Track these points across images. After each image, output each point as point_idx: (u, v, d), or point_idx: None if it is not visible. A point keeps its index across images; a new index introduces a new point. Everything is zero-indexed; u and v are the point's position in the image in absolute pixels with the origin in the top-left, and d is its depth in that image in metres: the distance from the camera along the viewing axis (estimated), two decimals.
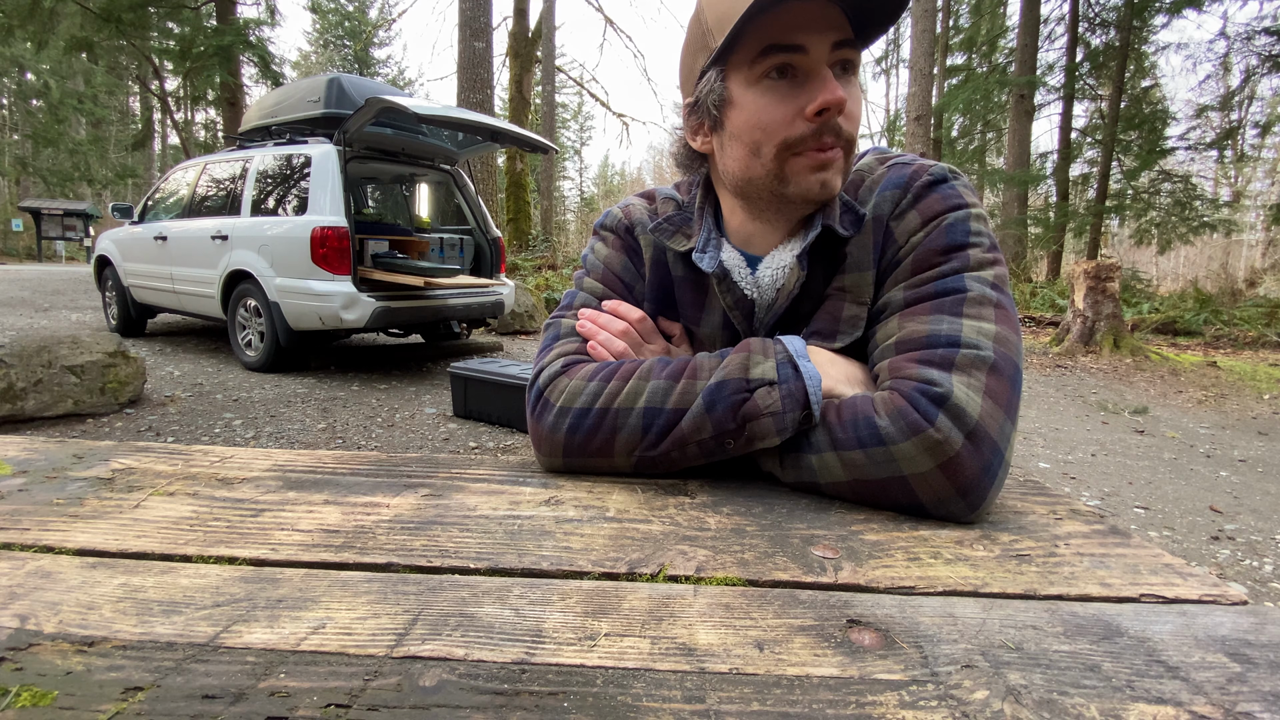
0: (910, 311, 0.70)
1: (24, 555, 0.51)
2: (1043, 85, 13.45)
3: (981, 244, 0.71)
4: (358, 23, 33.24)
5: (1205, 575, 0.51)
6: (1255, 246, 23.32)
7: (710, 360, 0.70)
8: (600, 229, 0.90)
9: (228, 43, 11.93)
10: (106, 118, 24.60)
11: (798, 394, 0.65)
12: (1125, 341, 6.90)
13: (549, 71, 16.72)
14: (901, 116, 18.74)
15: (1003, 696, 0.35)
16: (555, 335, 0.82)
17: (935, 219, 0.72)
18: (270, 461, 0.74)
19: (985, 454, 0.60)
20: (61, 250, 21.88)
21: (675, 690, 0.35)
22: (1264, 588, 2.22)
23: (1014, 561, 0.53)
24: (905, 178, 0.75)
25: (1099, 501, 3.04)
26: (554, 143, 8.14)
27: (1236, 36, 11.18)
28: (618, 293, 0.86)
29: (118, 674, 0.36)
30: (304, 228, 4.60)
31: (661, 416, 0.68)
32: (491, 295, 5.45)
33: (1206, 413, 5.07)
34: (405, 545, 0.53)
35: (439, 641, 0.39)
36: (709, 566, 0.50)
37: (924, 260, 0.71)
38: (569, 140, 41.54)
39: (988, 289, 0.68)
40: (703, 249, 0.80)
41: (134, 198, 25.64)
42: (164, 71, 15.09)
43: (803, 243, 0.76)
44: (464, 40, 9.91)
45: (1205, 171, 16.23)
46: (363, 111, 4.51)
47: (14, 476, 0.68)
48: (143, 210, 6.43)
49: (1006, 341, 0.66)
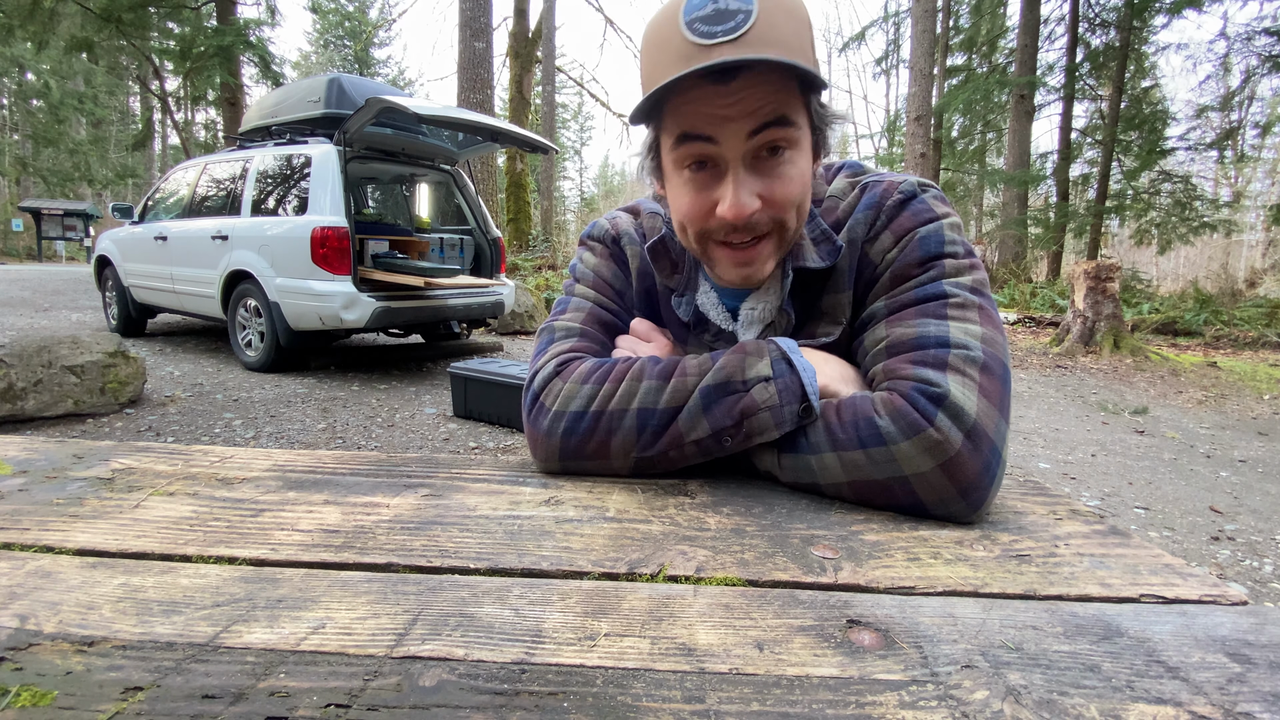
0: (896, 318, 0.70)
1: (24, 555, 0.51)
2: (1043, 85, 13.45)
3: (956, 252, 0.71)
4: (358, 23, 33.26)
5: (1205, 575, 0.51)
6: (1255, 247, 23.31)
7: (701, 359, 0.70)
8: (588, 239, 0.91)
9: (228, 43, 11.93)
10: (106, 118, 24.63)
11: (794, 387, 0.65)
12: (1125, 342, 6.90)
13: (549, 71, 16.73)
14: (901, 117, 18.75)
15: (1003, 697, 0.35)
16: (549, 339, 0.82)
17: (907, 234, 0.72)
18: (270, 461, 0.74)
19: (984, 453, 0.60)
20: (62, 250, 21.89)
21: (675, 690, 0.35)
22: (1264, 588, 2.22)
23: (1014, 562, 0.53)
24: (877, 198, 0.75)
25: (1099, 502, 3.04)
26: (554, 143, 8.13)
27: (1236, 37, 11.18)
28: (610, 298, 0.86)
29: (117, 674, 0.36)
30: (304, 228, 4.60)
31: (655, 417, 0.68)
32: (491, 295, 5.45)
33: (1206, 413, 5.07)
34: (405, 545, 0.53)
35: (439, 641, 0.39)
36: (709, 566, 0.50)
37: (902, 273, 0.72)
38: (569, 140, 41.55)
39: (968, 293, 0.69)
40: (681, 292, 0.82)
41: (134, 198, 25.64)
42: (164, 71, 15.09)
43: (781, 290, 0.77)
44: (464, 40, 9.92)
45: (1205, 172, 16.25)
46: (363, 111, 4.51)
47: (14, 476, 0.68)
48: (143, 210, 6.44)
49: (993, 342, 0.66)
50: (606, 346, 0.84)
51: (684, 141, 0.68)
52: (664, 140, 0.72)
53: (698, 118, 0.66)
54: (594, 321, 0.84)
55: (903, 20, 18.17)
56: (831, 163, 0.83)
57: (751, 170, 0.68)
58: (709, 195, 0.69)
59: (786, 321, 0.78)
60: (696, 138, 0.67)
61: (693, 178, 0.70)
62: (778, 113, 0.66)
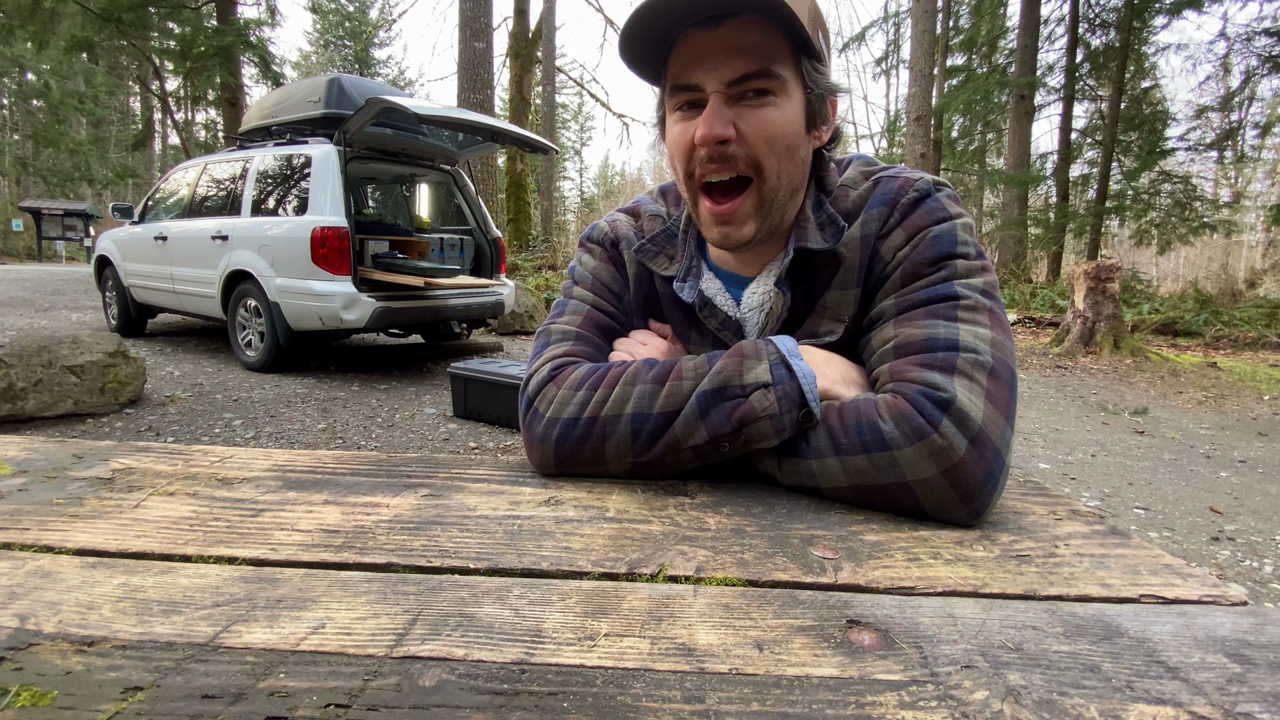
0: (905, 318, 0.70)
1: (24, 555, 0.51)
2: (1043, 86, 13.44)
3: (968, 253, 0.71)
4: (358, 23, 33.26)
5: (1205, 576, 0.51)
6: (1255, 247, 23.33)
7: (697, 361, 0.70)
8: (587, 242, 0.91)
9: (228, 43, 11.93)
10: (107, 118, 24.62)
11: (793, 394, 0.65)
12: (1125, 342, 6.89)
13: (549, 72, 16.72)
14: (902, 117, 18.75)
15: (1002, 697, 0.35)
16: (545, 343, 0.82)
17: (920, 232, 0.72)
18: (270, 461, 0.74)
19: (988, 459, 0.60)
20: (62, 250, 21.87)
21: (675, 690, 0.35)
22: (1264, 588, 2.22)
23: (1014, 562, 0.53)
24: (891, 194, 0.75)
25: (1099, 502, 3.04)
26: (554, 143, 8.14)
27: (1236, 37, 11.18)
28: (608, 301, 0.86)
29: (117, 674, 0.36)
30: (304, 228, 4.59)
31: (649, 421, 0.68)
32: (491, 295, 5.45)
33: (1206, 413, 5.07)
34: (405, 545, 0.53)
35: (439, 641, 0.39)
36: (709, 567, 0.50)
37: (913, 272, 0.71)
38: (569, 141, 41.54)
39: (979, 295, 0.68)
40: (683, 278, 0.82)
41: (134, 198, 25.64)
42: (164, 71, 15.07)
43: (780, 268, 0.77)
44: (464, 40, 9.91)
45: (1205, 172, 16.26)
46: (363, 112, 4.51)
47: (14, 476, 0.68)
48: (143, 210, 6.43)
49: (1002, 347, 0.66)
50: (603, 349, 0.83)
51: (676, 93, 0.72)
52: (666, 100, 0.75)
53: (685, 65, 0.70)
54: (591, 324, 0.84)
55: (903, 20, 18.18)
56: (843, 157, 0.83)
57: (731, 105, 0.70)
58: (690, 128, 0.71)
59: (783, 302, 0.77)
60: (683, 87, 0.71)
61: (682, 115, 0.73)
62: (762, 65, 0.68)
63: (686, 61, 0.70)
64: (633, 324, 0.88)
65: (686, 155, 0.73)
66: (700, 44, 0.68)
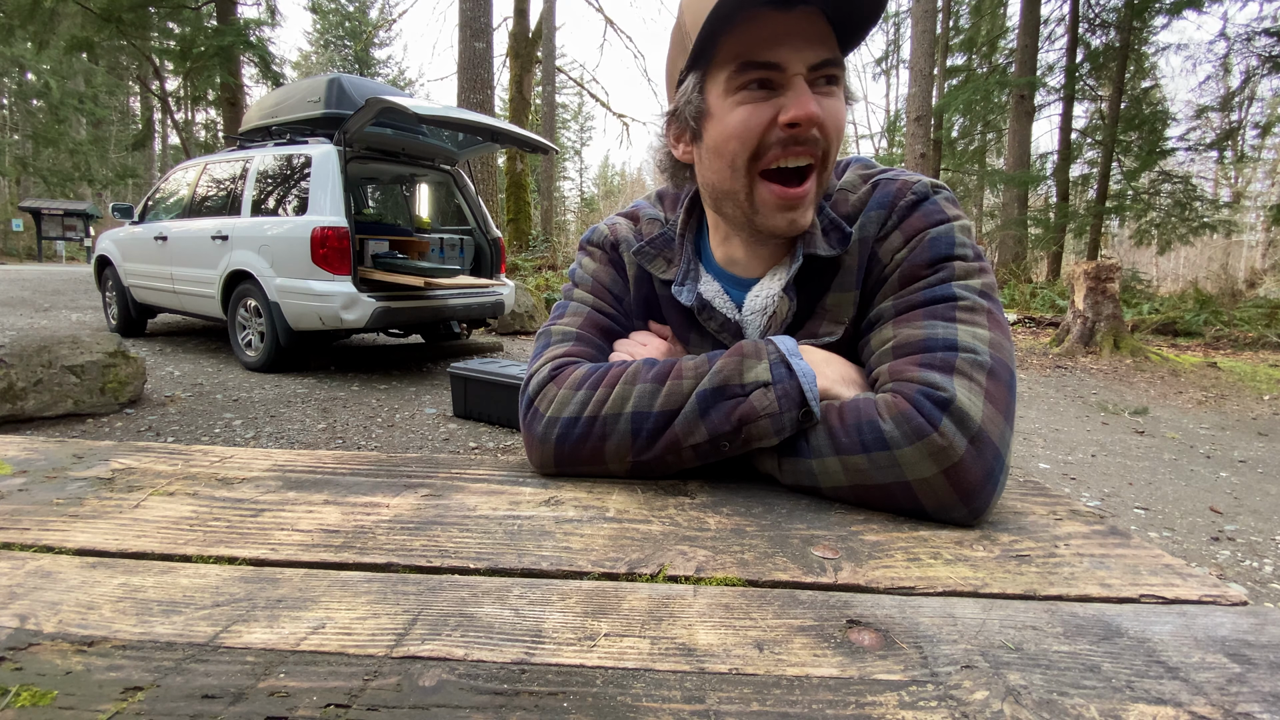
0: (904, 319, 0.70)
1: (24, 555, 0.51)
2: (1043, 86, 13.44)
3: (966, 255, 0.71)
4: (358, 23, 33.26)
5: (1205, 576, 0.51)
6: (1255, 247, 23.33)
7: (697, 360, 0.70)
8: (587, 244, 0.91)
9: (228, 43, 11.93)
10: (107, 118, 24.62)
11: (793, 393, 0.65)
12: (1125, 342, 6.89)
13: (549, 72, 16.72)
14: (902, 117, 18.75)
15: (1002, 697, 0.35)
16: (546, 344, 0.82)
17: (918, 235, 0.72)
18: (270, 461, 0.74)
19: (988, 459, 0.60)
20: (62, 250, 21.88)
21: (675, 690, 0.35)
22: (1264, 588, 2.22)
23: (1014, 562, 0.53)
24: (890, 197, 0.75)
25: (1099, 502, 3.04)
26: (554, 143, 8.14)
27: (1236, 37, 11.18)
28: (608, 303, 0.86)
29: (117, 674, 0.36)
30: (304, 228, 4.59)
31: (649, 420, 0.68)
32: (491, 295, 5.45)
33: (1206, 413, 5.07)
34: (405, 545, 0.53)
35: (439, 641, 0.39)
36: (709, 567, 0.50)
37: (911, 274, 0.71)
38: (569, 141, 41.54)
39: (977, 296, 0.68)
40: (681, 281, 0.82)
41: (134, 198, 25.63)
42: (164, 71, 15.08)
43: (788, 273, 0.76)
44: (464, 40, 9.91)
45: (1205, 172, 16.25)
46: (363, 112, 4.51)
47: (14, 476, 0.68)
48: (143, 210, 6.43)
49: (1001, 347, 0.66)
50: (604, 350, 0.83)
51: (746, 70, 0.68)
52: (715, 77, 0.71)
53: (762, 43, 0.67)
54: (591, 325, 0.84)
55: (903, 20, 18.19)
56: (841, 159, 0.83)
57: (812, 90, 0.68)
58: (768, 108, 0.69)
59: (789, 307, 0.77)
60: (760, 64, 0.67)
61: (751, 95, 0.69)
62: (834, 53, 0.68)
63: (762, 38, 0.66)
64: (633, 326, 0.88)
65: (758, 136, 0.69)
66: (777, 24, 0.66)
